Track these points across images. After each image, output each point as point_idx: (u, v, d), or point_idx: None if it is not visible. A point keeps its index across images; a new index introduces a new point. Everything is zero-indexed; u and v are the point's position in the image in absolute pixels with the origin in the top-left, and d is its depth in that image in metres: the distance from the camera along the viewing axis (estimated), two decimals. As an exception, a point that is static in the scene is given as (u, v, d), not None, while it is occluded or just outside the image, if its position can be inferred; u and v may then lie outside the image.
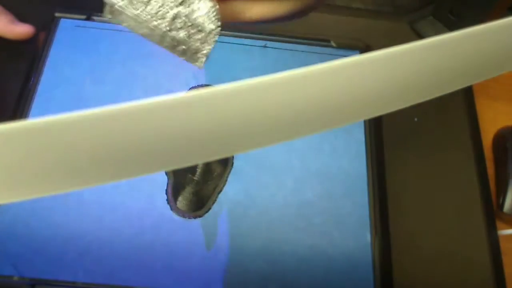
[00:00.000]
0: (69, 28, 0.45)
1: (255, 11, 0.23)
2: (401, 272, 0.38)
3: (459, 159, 0.43)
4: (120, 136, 0.13)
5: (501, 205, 0.43)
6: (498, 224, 0.41)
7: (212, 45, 0.21)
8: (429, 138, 0.44)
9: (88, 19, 0.46)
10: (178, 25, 0.20)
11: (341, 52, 0.47)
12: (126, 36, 0.45)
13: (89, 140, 0.13)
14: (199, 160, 0.15)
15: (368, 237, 0.38)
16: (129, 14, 0.20)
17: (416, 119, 0.45)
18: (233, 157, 0.40)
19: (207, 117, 0.14)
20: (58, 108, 0.42)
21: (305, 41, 0.47)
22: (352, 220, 0.39)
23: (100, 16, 0.46)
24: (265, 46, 0.46)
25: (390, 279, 0.37)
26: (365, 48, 0.47)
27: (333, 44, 0.47)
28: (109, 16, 0.21)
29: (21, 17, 0.44)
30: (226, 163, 0.40)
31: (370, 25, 0.49)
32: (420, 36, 0.49)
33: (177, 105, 0.13)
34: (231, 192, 0.39)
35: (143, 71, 0.43)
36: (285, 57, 0.46)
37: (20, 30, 0.43)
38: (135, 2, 0.20)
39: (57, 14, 0.46)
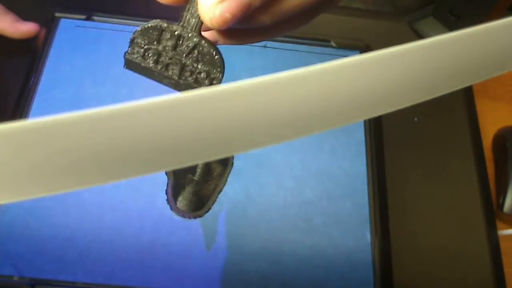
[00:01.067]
0: (69, 28, 0.45)
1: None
2: (401, 272, 0.38)
3: (459, 159, 0.43)
4: (120, 136, 0.13)
5: (501, 205, 0.43)
6: (498, 224, 0.41)
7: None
8: (429, 138, 0.44)
9: (88, 19, 0.46)
10: (187, 74, 0.24)
11: (341, 52, 0.47)
12: (126, 36, 0.45)
13: (89, 140, 0.13)
14: (199, 160, 0.15)
15: (368, 237, 0.38)
16: (144, 67, 0.24)
17: (416, 119, 0.45)
18: (233, 157, 0.40)
19: (207, 117, 0.14)
20: (58, 108, 0.42)
21: (305, 41, 0.47)
22: (352, 220, 0.39)
23: (100, 16, 0.46)
24: (265, 46, 0.46)
25: (390, 279, 0.37)
26: (365, 48, 0.47)
27: (333, 44, 0.47)
28: (128, 68, 0.24)
29: (21, 17, 0.44)
30: (226, 163, 0.40)
31: (370, 25, 0.49)
32: (420, 36, 0.49)
33: (177, 105, 0.13)
34: (231, 192, 0.39)
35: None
36: (285, 57, 0.46)
37: (25, 28, 0.43)
38: (147, 58, 0.24)
39: (57, 14, 0.46)
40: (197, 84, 0.24)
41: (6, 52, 0.45)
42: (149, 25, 0.23)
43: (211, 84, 0.24)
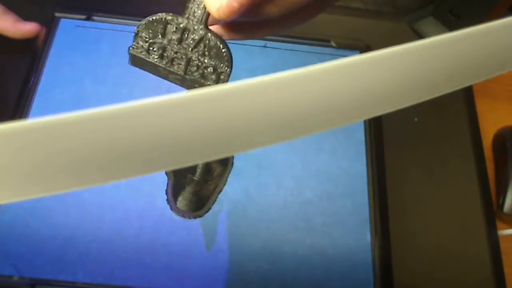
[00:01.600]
0: (69, 28, 0.45)
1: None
2: (401, 272, 0.38)
3: (459, 159, 0.43)
4: (120, 136, 0.13)
5: (501, 205, 0.43)
6: (498, 224, 0.41)
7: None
8: (429, 138, 0.44)
9: (88, 19, 0.46)
10: (193, 69, 0.22)
11: (341, 52, 0.47)
12: (126, 36, 0.45)
13: (89, 140, 0.13)
14: (199, 160, 0.15)
15: (368, 237, 0.38)
16: (149, 62, 0.23)
17: (416, 119, 0.45)
18: (233, 157, 0.40)
19: (206, 117, 0.14)
20: (58, 108, 0.42)
21: (305, 41, 0.46)
22: (352, 220, 0.39)
23: (100, 16, 0.46)
24: (265, 46, 0.46)
25: (390, 279, 0.37)
26: (365, 48, 0.47)
27: (333, 44, 0.47)
28: (133, 65, 0.23)
29: (22, 17, 0.44)
30: (226, 163, 0.40)
31: (370, 25, 0.49)
32: (420, 36, 0.49)
33: (177, 105, 0.13)
34: (231, 192, 0.39)
35: (143, 71, 0.43)
36: (285, 57, 0.46)
37: (26, 28, 0.43)
38: (152, 53, 0.23)
39: (57, 14, 0.46)
40: (204, 79, 0.23)
41: (6, 52, 0.45)
42: (154, 18, 0.22)
43: (218, 79, 0.23)
